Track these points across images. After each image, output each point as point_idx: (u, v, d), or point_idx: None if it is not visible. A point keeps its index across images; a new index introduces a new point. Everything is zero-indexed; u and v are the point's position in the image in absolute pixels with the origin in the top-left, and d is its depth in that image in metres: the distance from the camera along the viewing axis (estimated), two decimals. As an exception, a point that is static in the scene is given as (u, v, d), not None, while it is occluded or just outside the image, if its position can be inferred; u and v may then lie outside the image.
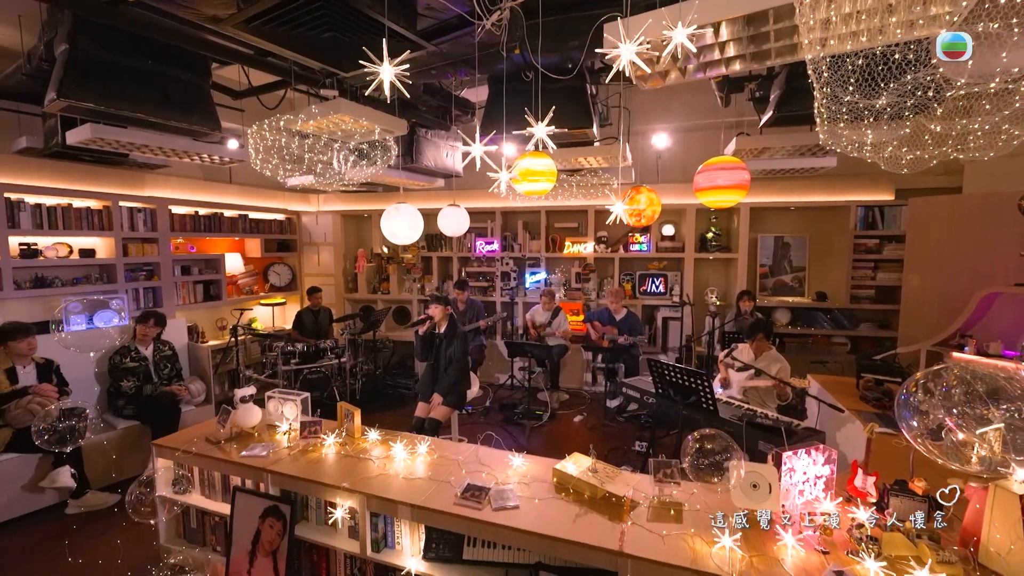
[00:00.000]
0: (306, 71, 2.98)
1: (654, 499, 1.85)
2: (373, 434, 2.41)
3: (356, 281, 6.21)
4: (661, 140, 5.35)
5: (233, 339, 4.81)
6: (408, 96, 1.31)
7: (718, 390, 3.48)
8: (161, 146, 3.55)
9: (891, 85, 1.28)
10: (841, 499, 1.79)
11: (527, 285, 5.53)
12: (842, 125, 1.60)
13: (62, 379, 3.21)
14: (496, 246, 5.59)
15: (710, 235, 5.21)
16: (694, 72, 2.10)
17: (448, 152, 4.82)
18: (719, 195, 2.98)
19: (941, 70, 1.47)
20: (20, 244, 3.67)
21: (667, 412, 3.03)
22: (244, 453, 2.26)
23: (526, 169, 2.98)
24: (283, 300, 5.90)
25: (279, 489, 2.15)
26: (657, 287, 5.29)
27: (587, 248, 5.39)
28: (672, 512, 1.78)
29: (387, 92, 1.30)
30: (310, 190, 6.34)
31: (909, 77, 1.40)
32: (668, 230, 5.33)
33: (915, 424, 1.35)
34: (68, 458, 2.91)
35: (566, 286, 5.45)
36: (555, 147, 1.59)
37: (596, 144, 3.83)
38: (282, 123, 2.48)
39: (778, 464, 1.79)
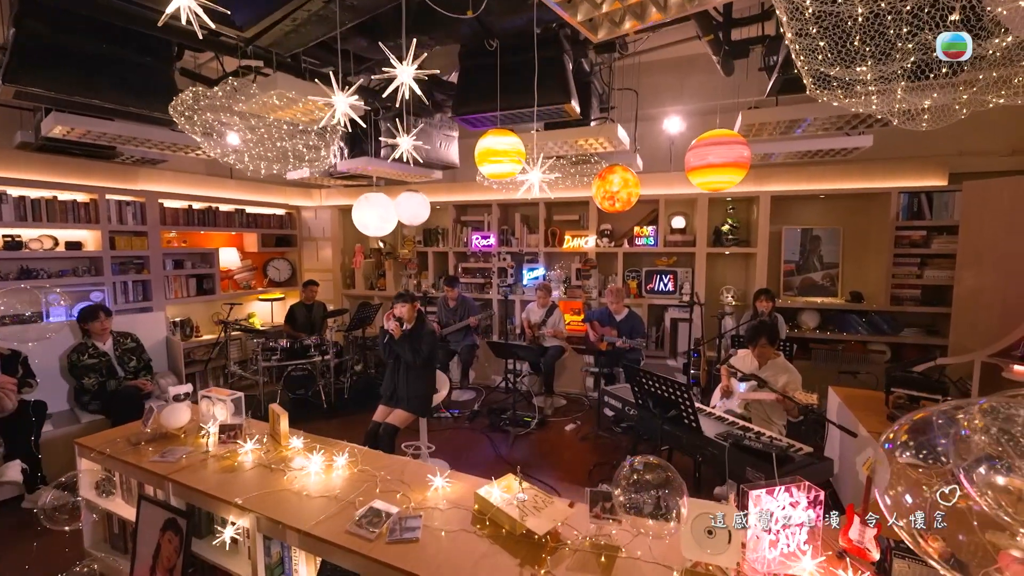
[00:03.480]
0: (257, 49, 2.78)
1: (587, 540, 1.50)
2: (297, 441, 2.17)
3: (354, 277, 6.08)
4: (674, 124, 4.88)
5: (223, 334, 4.77)
6: (212, 26, 1.04)
7: (719, 401, 3.03)
8: (135, 136, 3.49)
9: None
10: (827, 556, 1.38)
11: (524, 282, 5.19)
12: (820, 59, 1.19)
13: (28, 371, 3.18)
14: (492, 240, 5.29)
15: (726, 227, 4.69)
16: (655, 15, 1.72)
17: (442, 142, 4.57)
18: (712, 175, 2.55)
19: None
20: (4, 236, 3.72)
21: (649, 426, 2.63)
22: (155, 458, 2.07)
23: (486, 149, 2.67)
24: (282, 295, 5.84)
25: (185, 501, 1.95)
26: (666, 285, 4.82)
27: (588, 242, 4.99)
28: (603, 559, 1.42)
29: (187, 21, 1.04)
30: (312, 184, 6.27)
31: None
32: (678, 222, 4.84)
33: (904, 496, 0.94)
34: (20, 452, 2.85)
35: (566, 283, 5.07)
36: (421, 93, 1.27)
37: (592, 125, 3.46)
38: (188, 100, 2.28)
39: (744, 503, 1.40)
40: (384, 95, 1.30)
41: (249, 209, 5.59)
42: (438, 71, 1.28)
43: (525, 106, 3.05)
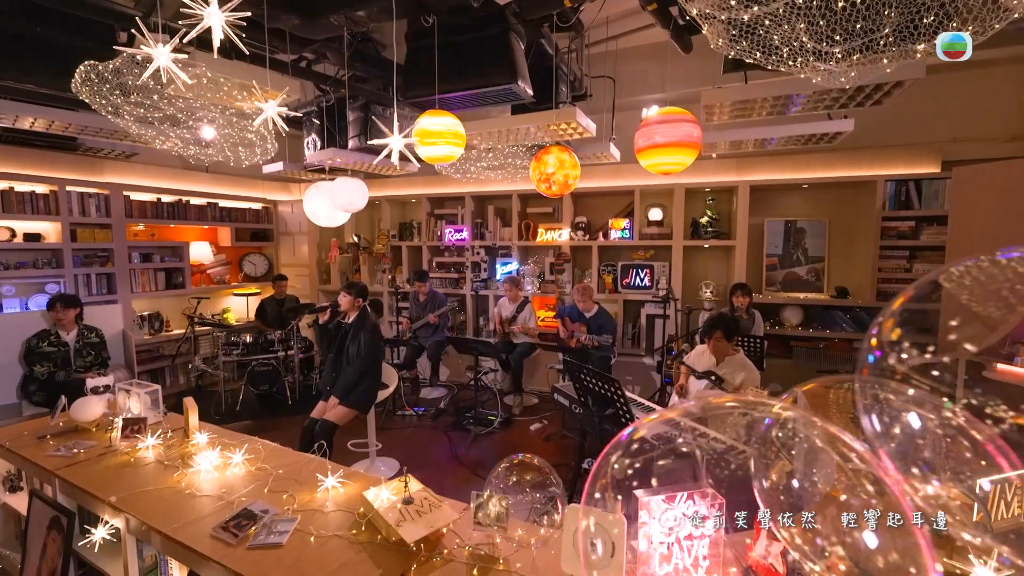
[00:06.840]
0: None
1: (467, 549, 1.34)
2: (202, 436, 2.05)
3: (330, 272, 5.99)
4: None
5: (190, 328, 4.70)
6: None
7: (674, 401, 2.85)
8: (86, 125, 3.42)
9: None
10: (729, 573, 1.21)
11: (498, 276, 5.04)
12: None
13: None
14: (466, 234, 5.14)
15: (704, 219, 4.48)
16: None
17: (412, 132, 4.42)
18: (659, 156, 2.39)
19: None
20: (-43, 227, 3.69)
21: (591, 424, 2.46)
22: (50, 452, 1.97)
23: (420, 130, 2.54)
24: (258, 290, 5.76)
25: (77, 501, 1.84)
26: (642, 280, 4.62)
27: (562, 235, 4.82)
28: (475, 572, 1.26)
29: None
30: (290, 179, 6.18)
31: None
32: (655, 214, 4.64)
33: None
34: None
35: (540, 278, 4.90)
36: (237, 40, 1.11)
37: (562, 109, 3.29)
38: (85, 73, 2.17)
39: (634, 512, 1.24)
40: (186, 39, 1.14)
41: (223, 203, 5.52)
42: (249, 13, 1.12)
43: (472, 87, 2.91)
